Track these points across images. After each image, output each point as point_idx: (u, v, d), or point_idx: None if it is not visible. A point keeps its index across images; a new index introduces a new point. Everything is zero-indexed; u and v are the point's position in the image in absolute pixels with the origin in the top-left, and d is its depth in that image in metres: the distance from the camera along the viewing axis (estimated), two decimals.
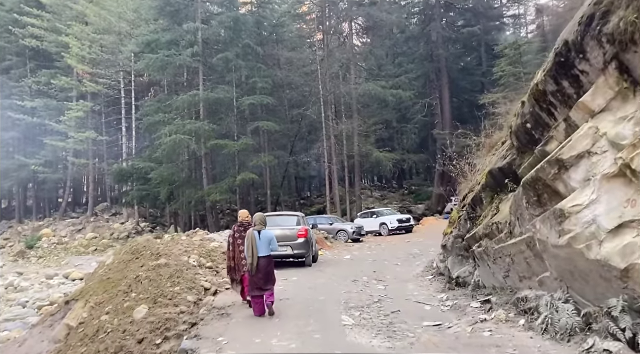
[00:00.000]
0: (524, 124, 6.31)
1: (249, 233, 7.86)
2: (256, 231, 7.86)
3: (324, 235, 23.94)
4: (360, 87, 33.74)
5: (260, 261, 7.69)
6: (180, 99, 32.19)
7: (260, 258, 7.71)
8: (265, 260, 7.77)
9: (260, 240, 7.81)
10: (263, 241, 7.82)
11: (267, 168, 36.45)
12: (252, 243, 7.72)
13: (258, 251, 7.71)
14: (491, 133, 14.11)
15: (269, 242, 7.89)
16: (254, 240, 7.74)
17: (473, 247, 8.09)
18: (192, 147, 32.63)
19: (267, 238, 7.90)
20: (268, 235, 7.96)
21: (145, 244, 13.01)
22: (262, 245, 7.78)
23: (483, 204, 8.12)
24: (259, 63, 34.12)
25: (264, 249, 7.78)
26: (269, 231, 8.14)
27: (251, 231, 7.88)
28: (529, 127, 6.20)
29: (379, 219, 30.68)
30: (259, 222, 8.01)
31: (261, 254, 7.72)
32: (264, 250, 7.78)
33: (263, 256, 7.74)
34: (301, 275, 12.72)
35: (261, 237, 7.84)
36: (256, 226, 7.96)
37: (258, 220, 8.07)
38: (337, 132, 33.72)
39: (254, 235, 7.79)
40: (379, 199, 47.56)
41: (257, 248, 7.72)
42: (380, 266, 14.40)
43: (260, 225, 7.98)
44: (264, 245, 7.81)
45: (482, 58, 47.41)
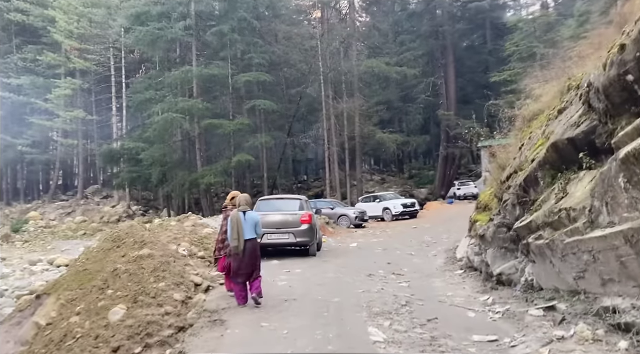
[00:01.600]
0: (621, 77, 4.68)
1: (234, 214, 7.35)
2: (241, 213, 7.35)
3: (325, 220, 22.39)
4: (363, 64, 31.89)
5: (246, 244, 7.20)
6: (172, 75, 30.32)
7: (247, 241, 7.22)
8: (251, 243, 7.32)
9: (246, 221, 7.30)
10: (248, 223, 7.33)
11: (264, 150, 34.76)
12: (238, 224, 7.21)
13: (244, 233, 7.21)
14: (525, 106, 12.52)
15: (254, 225, 7.42)
16: (239, 222, 7.22)
17: (526, 239, 6.51)
18: (185, 127, 30.87)
19: (252, 221, 7.42)
20: (253, 217, 7.49)
21: (128, 231, 11.37)
22: (247, 227, 7.30)
23: (539, 185, 6.53)
24: (256, 38, 32.22)
25: (250, 231, 7.32)
26: (254, 213, 7.69)
27: (236, 212, 7.36)
28: (631, 80, 4.58)
29: (382, 204, 29.12)
30: (244, 203, 7.56)
31: (247, 237, 7.24)
32: (250, 233, 7.31)
33: (249, 239, 7.26)
34: (306, 267, 11.16)
35: (246, 219, 7.34)
36: (241, 207, 7.47)
37: (243, 200, 7.61)
38: (338, 111, 31.97)
39: (239, 216, 7.28)
40: (379, 183, 46.00)
41: (243, 230, 7.23)
42: (394, 256, 12.86)
43: (246, 206, 7.53)
44: (250, 227, 7.33)
45: (487, 36, 45.59)
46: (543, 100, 10.99)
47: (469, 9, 41.37)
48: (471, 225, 10.42)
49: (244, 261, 7.24)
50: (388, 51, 37.22)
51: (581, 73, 7.21)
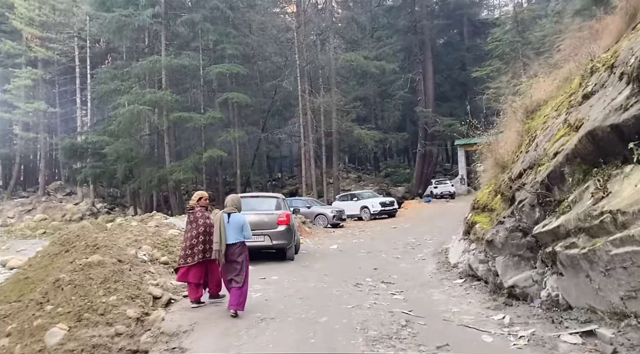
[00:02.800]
0: None
1: (218, 216, 6.83)
2: (225, 214, 6.78)
3: (302, 220, 21.19)
4: (341, 58, 30.69)
5: (229, 249, 6.64)
6: (140, 65, 28.55)
7: (229, 245, 6.65)
8: (236, 248, 6.71)
9: (229, 224, 6.73)
10: (232, 226, 6.74)
11: (237, 146, 33.30)
12: (221, 227, 6.68)
13: (227, 237, 6.67)
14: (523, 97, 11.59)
15: (240, 228, 6.82)
16: (222, 224, 6.70)
17: (551, 247, 5.44)
18: (153, 120, 29.16)
19: (238, 223, 6.81)
20: (239, 220, 6.85)
21: (80, 232, 9.93)
22: (231, 230, 6.72)
23: (566, 183, 5.46)
24: (229, 29, 30.69)
25: (233, 235, 6.72)
26: (241, 215, 6.96)
27: (220, 214, 6.82)
28: None
29: (360, 202, 28.07)
30: (230, 204, 6.96)
31: (230, 241, 6.68)
32: (233, 236, 6.72)
33: (232, 244, 6.68)
34: (284, 273, 9.95)
35: (230, 221, 6.75)
36: (226, 208, 6.91)
37: (230, 201, 7.02)
38: (315, 106, 30.73)
39: (222, 219, 6.74)
40: (355, 181, 44.99)
41: (227, 233, 6.68)
42: (379, 260, 11.73)
43: (232, 207, 6.92)
44: (234, 230, 6.74)
45: (464, 34, 45.05)
46: (546, 90, 10.05)
47: (448, 4, 40.67)
48: (468, 227, 9.37)
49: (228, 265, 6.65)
50: (366, 46, 36.11)
51: (611, 53, 6.19)
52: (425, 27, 38.30)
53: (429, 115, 36.94)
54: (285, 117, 38.17)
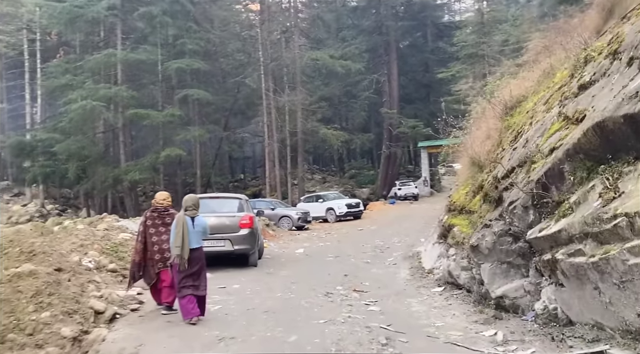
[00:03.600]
0: None
1: (180, 219, 6.24)
2: (189, 218, 6.29)
3: (265, 222, 20.30)
4: (307, 56, 29.93)
5: (192, 254, 6.17)
6: (94, 59, 27.00)
7: (193, 250, 6.20)
8: (198, 253, 6.33)
9: (194, 229, 6.29)
10: (197, 230, 6.34)
11: (198, 145, 32.04)
12: (184, 231, 6.15)
13: (190, 242, 6.17)
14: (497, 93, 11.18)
15: (203, 232, 6.49)
16: (186, 228, 6.16)
17: (550, 254, 4.83)
18: (107, 117, 27.62)
19: (201, 227, 6.43)
20: (202, 223, 6.48)
21: (14, 237, 8.79)
22: (195, 234, 6.29)
23: (565, 182, 4.87)
24: (190, 23, 29.47)
25: (197, 240, 6.32)
26: (203, 218, 6.58)
27: (183, 217, 6.26)
28: None
29: (325, 204, 27.38)
30: (192, 206, 6.41)
31: (194, 245, 6.24)
32: (196, 241, 6.31)
33: (195, 249, 6.27)
34: (246, 281, 9.11)
35: (195, 225, 6.31)
36: (188, 211, 6.35)
37: (191, 203, 6.45)
38: (279, 105, 29.86)
39: (186, 222, 6.22)
40: (319, 182, 44.33)
41: (190, 238, 6.18)
42: (349, 265, 11.03)
43: (194, 209, 6.42)
44: (197, 234, 6.36)
45: (427, 36, 45.09)
46: (525, 86, 9.59)
47: (413, 6, 40.52)
48: (444, 230, 8.77)
49: (189, 274, 6.17)
50: (331, 45, 35.52)
51: (606, 41, 5.66)
52: (391, 28, 38.03)
53: (393, 116, 36.66)
54: (248, 116, 37.11)
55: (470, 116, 20.03)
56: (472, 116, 19.82)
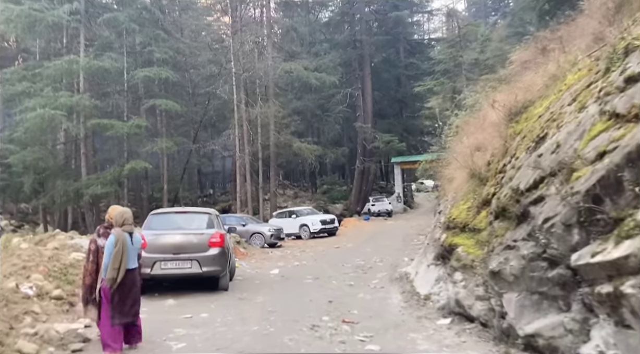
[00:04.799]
0: None
1: (119, 236, 5.54)
2: (128, 234, 5.65)
3: (236, 239, 18.98)
4: (280, 67, 28.95)
5: (128, 276, 5.59)
6: (54, 66, 25.32)
7: (129, 271, 5.62)
8: (134, 274, 5.74)
9: (133, 246, 5.73)
10: (135, 249, 5.80)
11: (165, 158, 30.57)
12: (124, 249, 5.50)
13: (128, 261, 5.58)
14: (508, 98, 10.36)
15: (139, 249, 5.98)
16: (125, 246, 5.53)
17: (610, 286, 3.83)
18: (68, 127, 25.89)
19: (138, 245, 5.90)
20: (139, 240, 6.02)
21: None
22: (133, 253, 5.74)
23: (624, 194, 3.90)
24: (158, 31, 28.17)
25: (133, 259, 5.74)
26: (138, 235, 6.01)
27: (122, 234, 5.57)
28: None
29: (299, 220, 26.22)
30: (129, 221, 5.75)
31: (132, 266, 5.68)
32: (134, 260, 5.75)
33: (132, 269, 5.69)
34: (216, 309, 7.89)
35: (133, 242, 5.73)
36: (125, 226, 5.68)
37: (127, 217, 5.75)
38: (252, 117, 28.68)
39: (125, 239, 5.56)
40: (291, 197, 43.14)
41: (129, 257, 5.59)
42: (332, 289, 9.90)
43: (131, 226, 5.79)
44: (134, 253, 5.77)
45: (400, 52, 44.87)
46: (532, 90, 8.76)
47: (387, 20, 40.18)
48: (444, 250, 7.75)
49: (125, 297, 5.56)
50: (305, 58, 34.70)
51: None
52: (365, 42, 37.54)
53: (368, 130, 35.95)
54: (219, 129, 35.79)
55: (450, 129, 19.48)
56: (452, 129, 19.28)
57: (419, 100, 45.56)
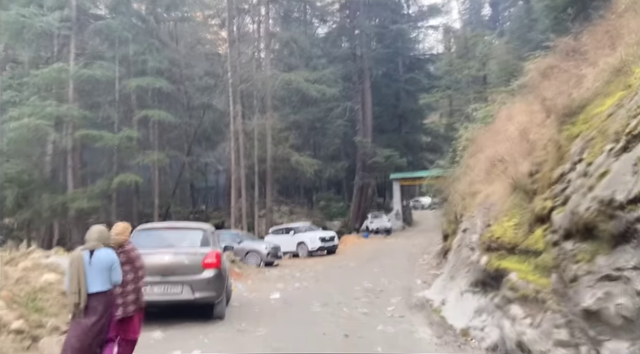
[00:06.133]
0: None
1: (74, 255, 4.84)
2: (86, 252, 4.82)
3: (230, 258, 17.59)
4: (280, 78, 27.85)
5: (91, 302, 4.68)
6: (41, 74, 24.05)
7: (92, 296, 4.70)
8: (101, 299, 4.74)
9: (92, 266, 4.77)
10: (96, 268, 4.78)
11: (157, 172, 29.20)
12: (79, 270, 4.69)
13: (88, 284, 4.69)
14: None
15: (107, 269, 4.85)
16: (80, 266, 4.70)
17: None
18: (54, 138, 24.52)
19: (103, 264, 4.82)
20: (105, 259, 4.87)
21: None
22: (94, 273, 4.75)
23: None
24: (152, 39, 27.05)
25: (98, 281, 4.76)
26: (107, 251, 4.95)
27: (75, 253, 4.88)
28: None
29: (296, 237, 24.87)
30: (94, 238, 4.91)
31: (93, 289, 4.72)
32: (98, 283, 4.76)
33: (96, 294, 4.73)
34: (210, 345, 6.60)
35: (93, 261, 4.78)
36: (87, 243, 4.89)
37: (94, 233, 4.95)
38: (249, 129, 27.48)
39: (80, 258, 4.76)
40: (286, 214, 41.70)
41: (87, 279, 4.69)
42: (344, 318, 8.58)
43: (96, 241, 4.91)
44: (98, 273, 4.78)
45: (399, 67, 44.04)
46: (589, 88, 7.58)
47: (386, 34, 39.34)
48: (486, 275, 6.48)
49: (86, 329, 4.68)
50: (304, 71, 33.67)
51: None
52: (365, 55, 36.62)
53: (367, 145, 34.82)
54: (213, 143, 34.55)
55: (460, 143, 18.34)
56: (462, 143, 18.13)
57: (419, 115, 44.75)
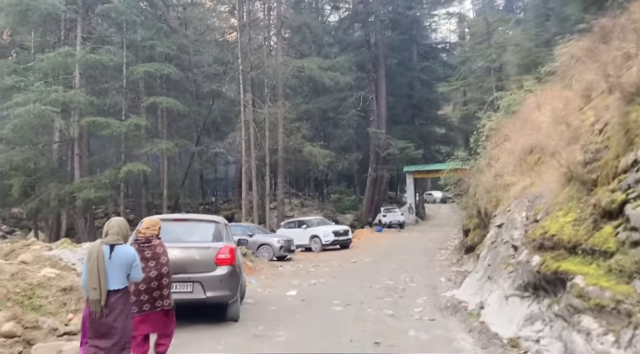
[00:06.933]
0: None
1: (93, 249, 4.47)
2: (107, 246, 4.47)
3: (242, 251, 16.82)
4: (292, 65, 26.92)
5: (110, 298, 4.39)
6: (47, 59, 23.33)
7: (112, 293, 4.41)
8: (116, 298, 4.44)
9: (112, 261, 4.42)
10: (116, 264, 4.45)
11: (166, 162, 28.52)
12: (99, 265, 4.36)
13: (108, 281, 4.38)
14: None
15: (127, 266, 4.52)
16: (100, 261, 4.37)
17: None
18: (60, 125, 23.84)
19: (123, 260, 4.50)
20: (126, 255, 4.54)
21: None
22: (114, 270, 4.43)
23: None
24: (160, 23, 26.23)
25: (118, 278, 4.46)
26: (127, 248, 4.63)
27: (95, 246, 4.52)
28: None
29: (309, 230, 24.10)
30: (115, 232, 4.54)
31: (114, 287, 4.42)
32: (118, 280, 4.46)
33: (116, 291, 4.44)
34: (224, 351, 5.78)
35: (113, 257, 4.44)
36: (107, 237, 4.53)
37: (113, 227, 4.56)
38: (260, 118, 26.66)
39: (100, 252, 4.41)
40: (297, 207, 40.95)
41: (107, 275, 4.38)
42: (371, 322, 7.77)
43: (116, 236, 4.53)
44: (119, 270, 4.47)
45: (414, 57, 42.93)
46: None
47: (401, 20, 38.22)
48: (543, 278, 5.62)
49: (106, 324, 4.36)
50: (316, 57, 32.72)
51: None
52: (379, 41, 35.56)
53: (381, 137, 33.84)
54: (223, 133, 33.76)
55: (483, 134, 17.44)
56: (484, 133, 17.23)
57: (434, 106, 43.65)
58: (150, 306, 5.31)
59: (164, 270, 5.40)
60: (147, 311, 5.30)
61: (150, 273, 5.28)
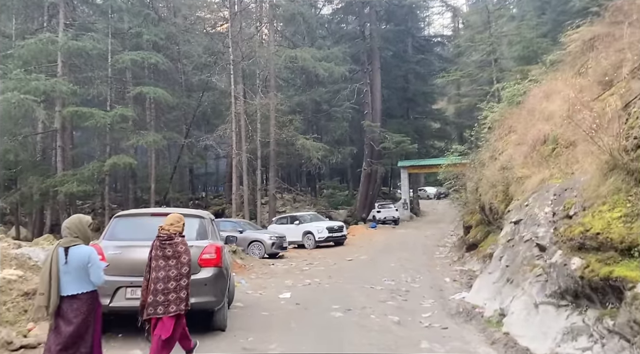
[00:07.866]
0: None
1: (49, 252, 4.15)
2: (61, 248, 4.12)
3: (232, 248, 15.88)
4: (284, 54, 25.89)
5: (64, 305, 4.04)
6: (27, 45, 22.10)
7: (66, 299, 4.06)
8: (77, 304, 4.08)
9: (68, 265, 4.06)
10: (73, 268, 4.08)
11: (153, 155, 27.44)
12: (52, 269, 4.02)
13: (61, 286, 4.04)
14: None
15: (84, 269, 4.11)
16: (54, 265, 4.03)
17: None
18: (40, 115, 22.66)
19: (79, 263, 4.10)
20: (80, 256, 4.11)
21: None
22: (70, 273, 4.07)
23: None
24: (148, 10, 25.08)
25: (76, 283, 4.10)
26: (83, 248, 4.16)
27: (54, 250, 4.13)
28: None
29: (302, 226, 23.20)
30: (70, 232, 4.19)
31: (68, 292, 4.08)
32: (76, 285, 4.10)
33: (71, 297, 4.08)
34: None
35: (69, 260, 4.07)
36: (64, 239, 4.20)
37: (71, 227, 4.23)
38: (251, 110, 25.63)
39: (55, 256, 4.07)
40: (290, 202, 39.99)
41: (61, 279, 4.04)
42: (376, 331, 6.87)
43: (71, 236, 4.18)
44: (76, 274, 4.09)
45: (408, 49, 42.05)
46: None
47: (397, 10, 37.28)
48: (588, 285, 4.74)
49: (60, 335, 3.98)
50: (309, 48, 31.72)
51: None
52: (374, 32, 34.61)
53: (376, 130, 32.95)
54: (213, 126, 32.73)
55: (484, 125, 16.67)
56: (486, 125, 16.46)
57: (429, 99, 42.85)
58: (164, 310, 4.85)
59: (184, 270, 5.01)
60: (160, 314, 4.86)
61: (170, 272, 4.94)
